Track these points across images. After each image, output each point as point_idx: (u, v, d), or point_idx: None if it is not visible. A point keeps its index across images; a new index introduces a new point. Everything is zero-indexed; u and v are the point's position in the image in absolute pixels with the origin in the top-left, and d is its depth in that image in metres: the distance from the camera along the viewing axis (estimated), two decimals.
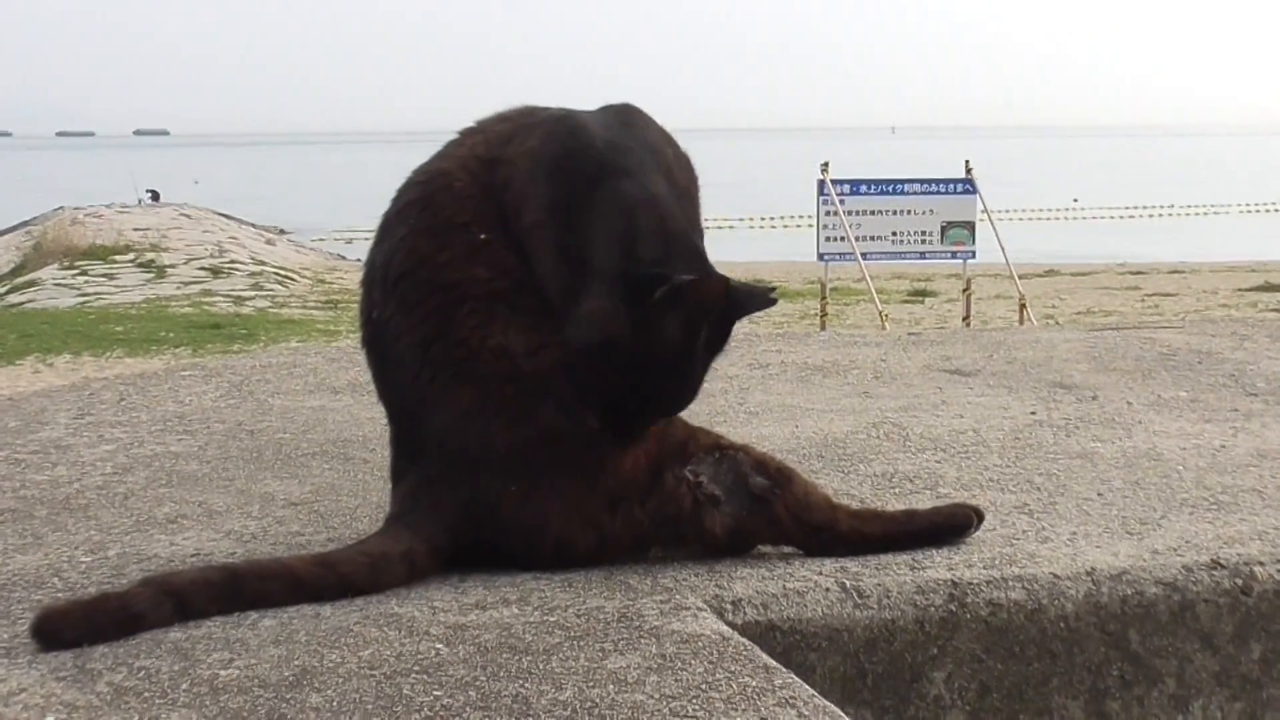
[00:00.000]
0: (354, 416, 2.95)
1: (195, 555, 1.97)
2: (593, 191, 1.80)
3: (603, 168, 1.82)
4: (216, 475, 2.47)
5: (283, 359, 3.75)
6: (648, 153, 1.86)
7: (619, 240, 1.77)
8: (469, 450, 1.81)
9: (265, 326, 12.59)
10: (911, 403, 3.06)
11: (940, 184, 11.88)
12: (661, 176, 1.84)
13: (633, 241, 1.76)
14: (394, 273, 1.88)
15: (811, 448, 2.61)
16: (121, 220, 24.50)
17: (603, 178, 1.81)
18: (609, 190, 1.79)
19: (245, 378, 3.44)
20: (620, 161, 1.82)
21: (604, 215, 1.79)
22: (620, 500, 1.82)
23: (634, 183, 1.80)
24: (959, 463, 2.50)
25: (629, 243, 1.76)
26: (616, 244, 1.77)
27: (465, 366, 1.81)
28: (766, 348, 3.87)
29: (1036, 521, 2.12)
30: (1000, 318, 12.98)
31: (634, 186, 1.80)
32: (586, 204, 1.80)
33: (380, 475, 2.34)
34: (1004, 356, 3.65)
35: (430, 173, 1.95)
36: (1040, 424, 2.83)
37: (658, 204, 1.79)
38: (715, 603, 1.76)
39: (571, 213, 1.81)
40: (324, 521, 2.16)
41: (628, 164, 1.82)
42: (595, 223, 1.79)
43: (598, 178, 1.81)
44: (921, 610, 1.82)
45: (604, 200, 1.79)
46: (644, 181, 1.81)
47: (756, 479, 1.88)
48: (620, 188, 1.79)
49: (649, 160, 1.84)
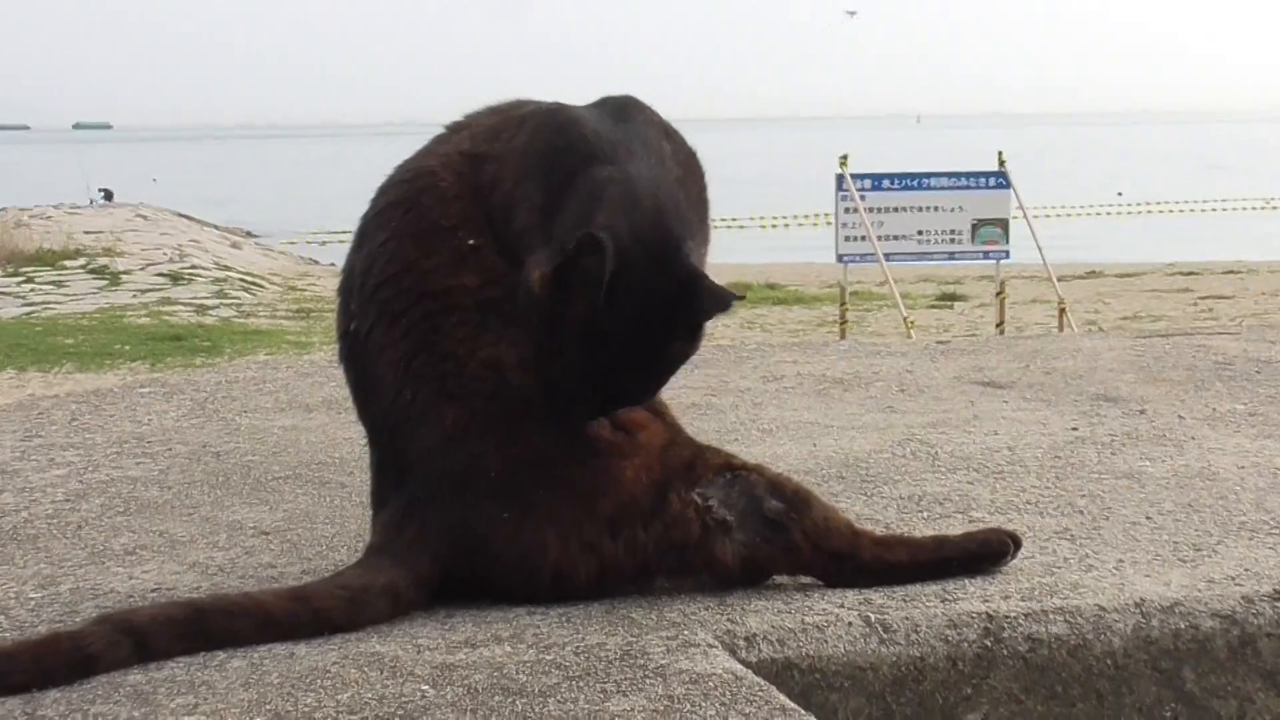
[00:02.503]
0: (330, 437, 2.96)
1: (156, 590, 1.97)
2: (570, 184, 1.81)
3: (585, 159, 1.83)
4: (179, 502, 2.48)
5: (251, 374, 3.76)
6: (640, 144, 1.87)
7: (578, 211, 1.78)
8: (457, 473, 1.81)
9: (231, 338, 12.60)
10: (940, 418, 3.06)
11: (970, 177, 11.89)
12: (649, 165, 1.84)
13: (591, 211, 1.77)
14: (374, 280, 1.88)
15: (831, 468, 2.62)
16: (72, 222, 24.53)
17: (582, 169, 1.82)
18: (584, 176, 1.81)
19: (209, 395, 3.45)
20: (604, 151, 1.83)
21: (572, 199, 1.80)
22: (622, 526, 1.82)
23: (614, 168, 1.81)
24: (993, 484, 2.50)
25: (588, 212, 1.77)
26: (574, 215, 1.78)
27: (452, 382, 1.82)
28: (781, 358, 3.87)
29: (1079, 548, 2.13)
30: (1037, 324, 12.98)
31: (611, 170, 1.81)
32: (566, 197, 1.81)
33: (359, 501, 2.34)
34: (1042, 367, 3.66)
35: (414, 171, 1.96)
36: (1082, 441, 2.83)
37: (630, 181, 1.80)
38: (727, 639, 1.76)
39: (555, 213, 1.82)
40: (297, 552, 2.16)
41: (611, 152, 1.83)
42: (565, 211, 1.80)
43: (578, 170, 1.82)
44: (954, 646, 1.82)
45: (577, 186, 1.81)
46: (625, 167, 1.82)
47: (771, 502, 1.88)
48: (595, 173, 1.81)
49: (640, 152, 1.85)
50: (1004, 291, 11.97)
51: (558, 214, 1.81)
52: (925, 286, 16.73)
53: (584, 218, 1.77)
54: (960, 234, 11.75)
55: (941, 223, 11.74)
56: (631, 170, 1.81)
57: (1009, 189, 11.82)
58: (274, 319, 14.62)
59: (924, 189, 11.80)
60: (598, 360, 1.77)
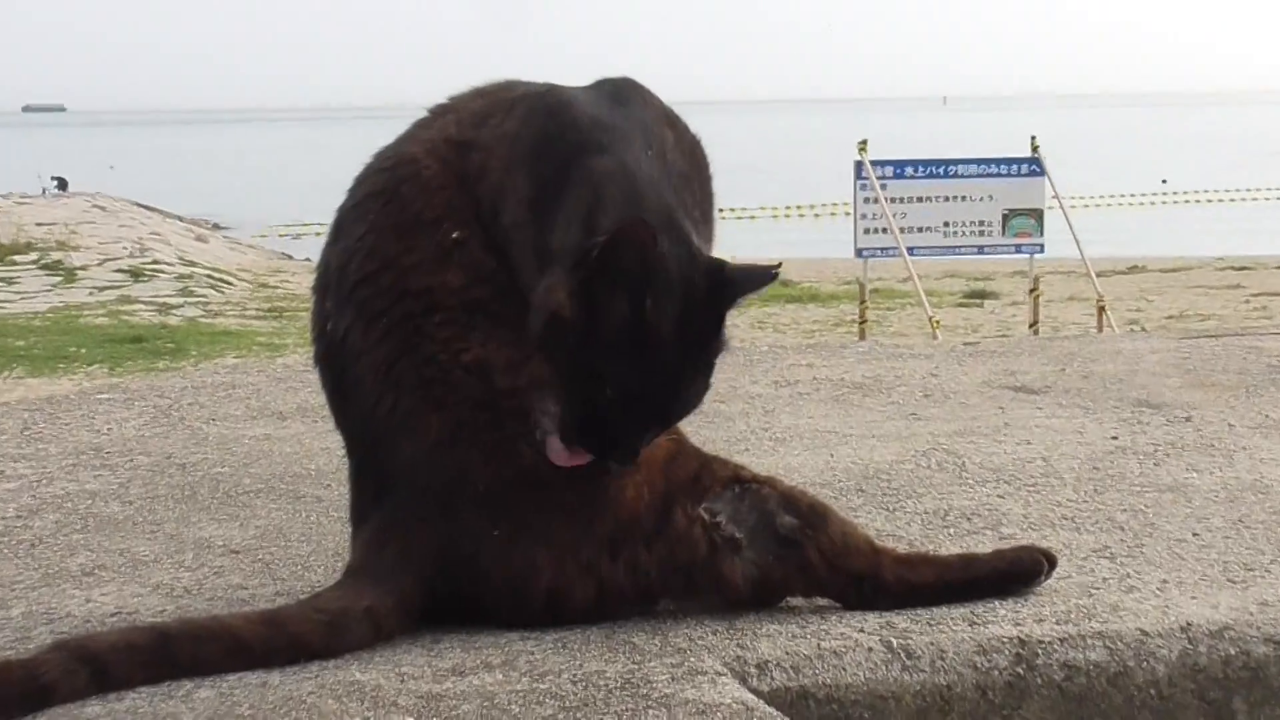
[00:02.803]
0: (305, 447, 2.96)
1: (117, 614, 1.98)
2: (564, 174, 1.82)
3: (579, 148, 1.83)
4: (141, 518, 2.48)
5: (218, 378, 3.76)
6: (639, 132, 1.87)
7: (580, 215, 1.77)
8: (442, 486, 1.82)
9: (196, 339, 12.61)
10: (968, 426, 3.07)
11: (1001, 164, 11.90)
12: (651, 156, 1.84)
13: (595, 214, 1.76)
14: (352, 278, 1.89)
15: (850, 480, 2.62)
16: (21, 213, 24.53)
17: (577, 159, 1.82)
18: (580, 169, 1.81)
19: (174, 401, 3.45)
20: (600, 139, 1.83)
21: (569, 195, 1.80)
22: (623, 544, 1.83)
23: (610, 159, 1.81)
24: (1026, 497, 2.51)
25: (590, 216, 1.76)
26: (577, 219, 1.77)
27: (437, 387, 1.83)
28: (795, 361, 3.88)
29: (1120, 567, 2.13)
30: (1074, 323, 12.99)
31: (608, 162, 1.80)
32: (558, 190, 1.81)
33: (337, 517, 2.34)
34: (1079, 370, 3.66)
35: (395, 158, 1.96)
36: (1123, 451, 2.84)
37: (633, 177, 1.79)
38: (737, 665, 1.77)
39: (547, 206, 1.82)
40: (270, 572, 2.16)
41: (608, 142, 1.83)
42: (561, 206, 1.80)
43: (572, 160, 1.82)
44: (983, 674, 1.83)
45: (572, 181, 1.80)
46: (622, 157, 1.81)
47: (784, 518, 1.88)
48: (593, 165, 1.81)
49: (638, 139, 1.85)
50: (1038, 288, 11.97)
51: (550, 210, 1.81)
52: (952, 283, 16.74)
53: (585, 221, 1.76)
54: (990, 226, 11.76)
55: (970, 213, 11.75)
56: (630, 162, 1.81)
57: (1043, 176, 11.82)
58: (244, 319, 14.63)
59: (950, 177, 11.81)
60: (649, 375, 1.73)
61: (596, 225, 1.75)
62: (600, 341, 1.72)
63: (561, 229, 1.79)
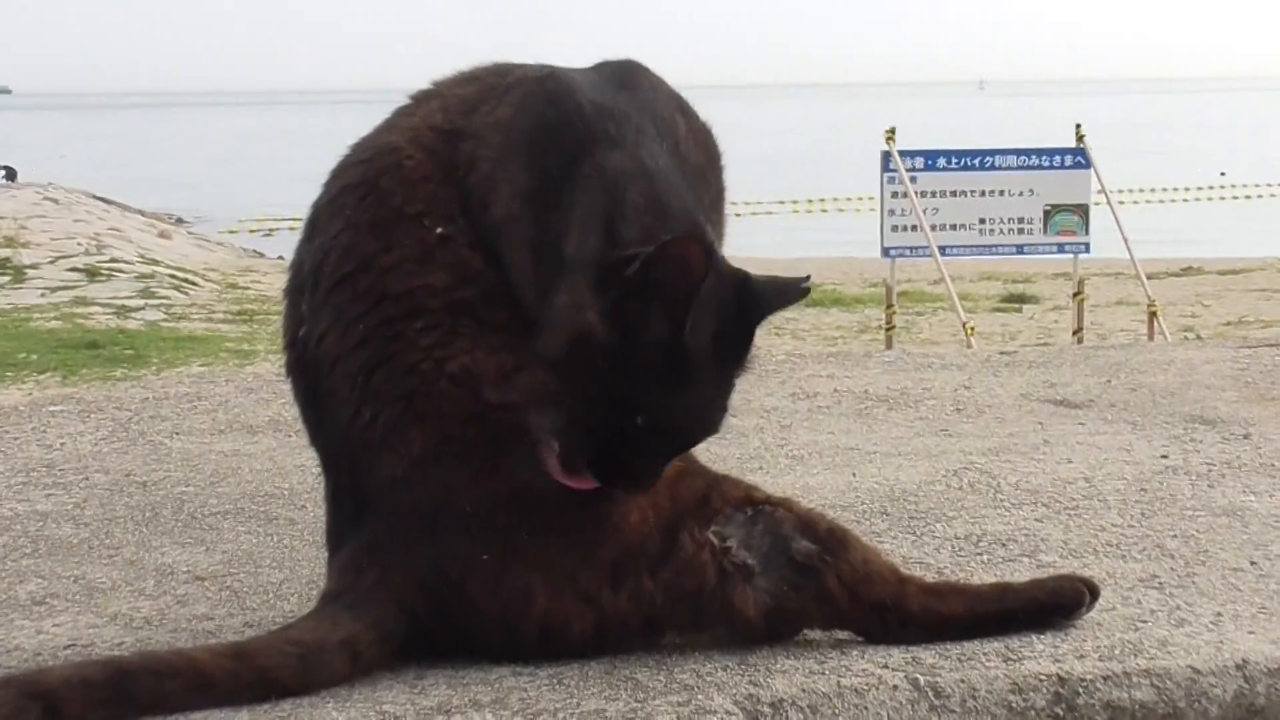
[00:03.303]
0: (277, 464, 2.97)
1: (71, 647, 1.99)
2: (573, 170, 1.82)
3: (587, 140, 1.84)
4: (97, 541, 2.49)
5: (183, 389, 3.77)
6: (650, 121, 1.88)
7: (599, 222, 1.78)
8: (426, 507, 1.82)
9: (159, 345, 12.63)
10: (1004, 443, 3.07)
11: (1043, 155, 11.90)
12: (666, 150, 1.86)
13: (615, 222, 1.78)
14: (327, 279, 1.90)
15: (873, 502, 2.63)
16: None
17: (586, 152, 1.83)
18: (592, 165, 1.82)
19: (134, 414, 3.46)
20: (610, 131, 1.84)
21: (583, 196, 1.81)
22: (625, 570, 1.83)
23: (624, 155, 1.82)
24: (1066, 521, 2.51)
25: (610, 224, 1.78)
26: (595, 227, 1.78)
27: (420, 399, 1.83)
28: (814, 371, 3.88)
29: (1169, 599, 2.13)
30: (1123, 330, 13.00)
31: (624, 159, 1.82)
32: (565, 187, 1.82)
33: (312, 540, 2.35)
34: (1126, 382, 3.67)
35: (374, 149, 1.97)
36: (1174, 471, 2.84)
37: (653, 178, 1.81)
38: (749, 704, 1.77)
39: (549, 201, 1.83)
40: (239, 601, 2.17)
41: (620, 134, 1.84)
42: (573, 206, 1.81)
43: (580, 153, 1.83)
44: (1019, 714, 1.83)
45: (585, 178, 1.81)
46: (638, 154, 1.83)
47: (801, 543, 1.89)
48: (606, 161, 1.82)
49: (650, 130, 1.87)
50: (1082, 292, 11.98)
51: (552, 207, 1.82)
52: (988, 286, 16.75)
53: (606, 229, 1.77)
54: (1031, 223, 11.76)
55: (1008, 209, 11.75)
56: (647, 159, 1.82)
57: (1089, 168, 11.83)
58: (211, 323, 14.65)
59: (987, 169, 11.81)
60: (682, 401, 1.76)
61: (619, 235, 1.76)
62: (633, 366, 1.73)
63: (578, 236, 1.79)
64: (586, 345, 1.73)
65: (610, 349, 1.73)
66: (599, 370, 1.74)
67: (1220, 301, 15.81)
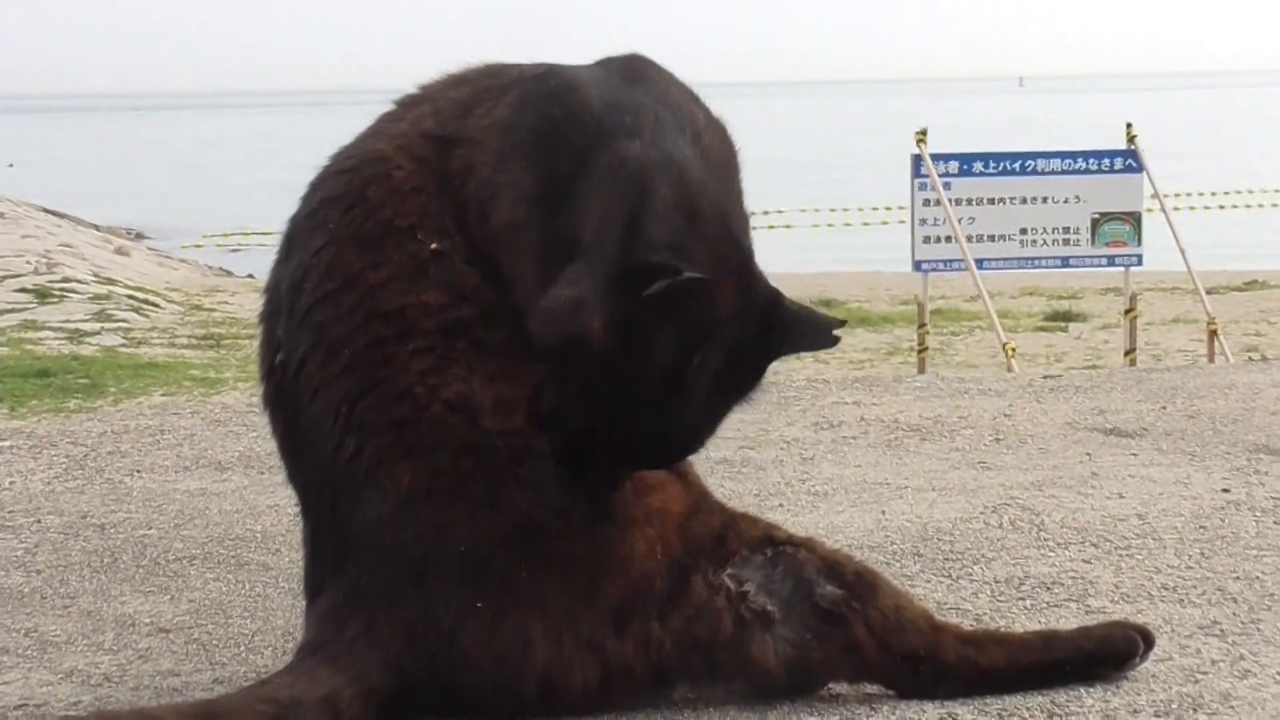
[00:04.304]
0: (249, 504, 2.98)
1: (22, 707, 1.99)
2: (586, 164, 1.84)
3: (600, 134, 1.85)
4: (51, 590, 2.49)
5: (144, 421, 3.78)
6: (668, 112, 1.89)
7: (621, 214, 1.80)
8: (416, 549, 1.83)
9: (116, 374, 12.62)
10: (1048, 477, 3.08)
11: (1090, 158, 11.88)
12: (688, 140, 1.87)
13: (641, 217, 1.79)
14: (307, 298, 1.90)
15: (905, 542, 2.63)
16: None
17: (601, 144, 1.84)
18: (610, 155, 1.83)
19: (90, 450, 3.47)
20: (626, 122, 1.86)
21: (602, 185, 1.82)
22: (631, 615, 1.84)
23: (645, 144, 1.84)
24: (1118, 563, 2.51)
25: (635, 218, 1.79)
26: (617, 218, 1.80)
27: (410, 430, 1.84)
28: (839, 399, 3.89)
29: (1232, 647, 2.14)
30: (1180, 351, 12.97)
31: (645, 148, 1.83)
32: (579, 181, 1.83)
33: (287, 588, 2.36)
34: (1184, 409, 3.67)
35: (359, 157, 1.98)
36: (1237, 506, 2.84)
37: (682, 171, 1.82)
38: None
39: (557, 204, 1.84)
40: (208, 655, 2.18)
41: (636, 124, 1.85)
42: (591, 197, 1.82)
43: (592, 147, 1.85)
44: None
45: (603, 168, 1.83)
46: (661, 143, 1.84)
47: (825, 587, 1.90)
48: (626, 150, 1.83)
49: (670, 120, 1.88)
50: (1135, 309, 11.96)
51: (562, 207, 1.83)
52: (1030, 302, 16.72)
53: (628, 221, 1.78)
54: (1077, 233, 11.75)
55: (1052, 218, 11.73)
56: (674, 151, 1.84)
57: (1141, 172, 11.81)
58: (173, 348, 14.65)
59: (1028, 173, 11.80)
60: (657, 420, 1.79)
61: (645, 231, 1.78)
62: (624, 378, 1.76)
63: (596, 224, 1.80)
64: (580, 348, 1.76)
65: (605, 359, 1.76)
66: (587, 375, 1.77)
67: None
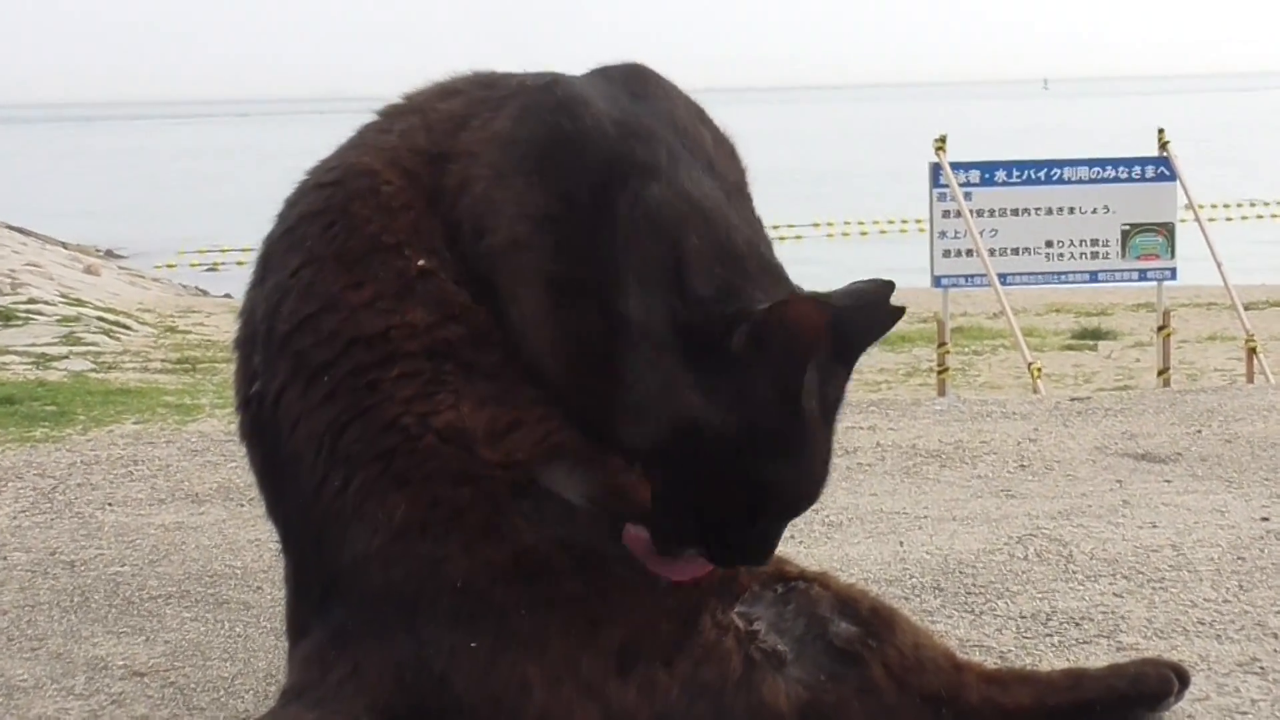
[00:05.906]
0: (227, 539, 2.98)
1: None
2: (603, 200, 1.84)
3: (615, 162, 1.86)
4: (17, 632, 2.49)
5: (116, 451, 3.78)
6: (678, 137, 1.90)
7: (659, 275, 1.81)
8: (406, 586, 1.83)
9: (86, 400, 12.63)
10: (1077, 505, 3.08)
11: (1120, 165, 11.88)
12: (702, 170, 1.88)
13: (681, 274, 1.80)
14: (285, 324, 1.91)
15: (924, 575, 2.63)
16: None
17: (617, 179, 1.85)
18: (628, 200, 1.84)
19: (59, 481, 3.47)
20: (639, 154, 1.87)
21: (630, 243, 1.83)
22: (635, 657, 1.84)
23: (665, 187, 1.85)
24: (1151, 596, 2.51)
25: (675, 277, 1.81)
26: (657, 282, 1.81)
27: (400, 460, 1.84)
28: (854, 423, 3.89)
29: (1273, 686, 2.14)
30: (1217, 370, 12.97)
31: (666, 192, 1.84)
32: (596, 221, 1.84)
33: (269, 628, 2.36)
34: (1220, 432, 3.67)
35: (341, 170, 1.99)
36: (1278, 536, 2.84)
37: (709, 215, 1.84)
38: None
39: (573, 232, 1.85)
40: (185, 699, 2.18)
41: (652, 157, 1.86)
42: (618, 254, 1.83)
43: (608, 180, 1.85)
44: None
45: (626, 220, 1.83)
46: (679, 183, 1.85)
47: (840, 625, 1.90)
48: (647, 195, 1.84)
49: (681, 149, 1.89)
50: (1168, 326, 11.95)
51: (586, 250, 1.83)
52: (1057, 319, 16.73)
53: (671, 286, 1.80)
54: (1106, 245, 11.74)
55: (1080, 229, 11.72)
56: (692, 189, 1.85)
57: (1174, 181, 11.80)
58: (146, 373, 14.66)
59: (1054, 182, 11.79)
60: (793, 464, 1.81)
61: (691, 290, 1.79)
62: (745, 439, 1.77)
63: (639, 296, 1.82)
64: (694, 430, 1.77)
65: (719, 429, 1.77)
66: (710, 454, 1.77)
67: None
